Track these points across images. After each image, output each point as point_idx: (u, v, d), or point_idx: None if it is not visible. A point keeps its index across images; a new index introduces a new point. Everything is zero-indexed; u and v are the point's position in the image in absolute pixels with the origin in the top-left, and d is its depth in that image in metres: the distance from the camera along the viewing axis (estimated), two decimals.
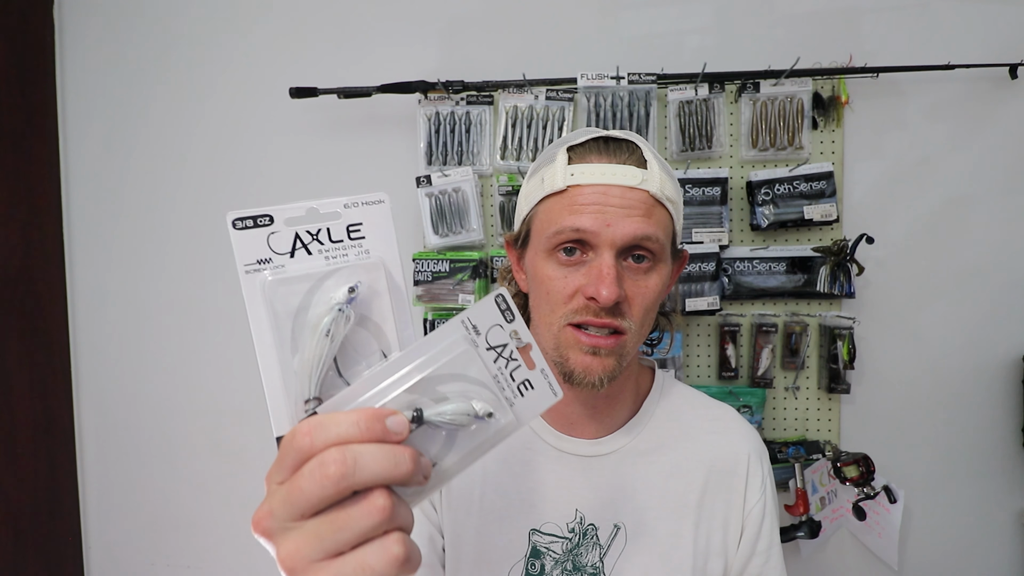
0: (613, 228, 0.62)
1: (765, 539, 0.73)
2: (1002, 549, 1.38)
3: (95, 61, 1.55)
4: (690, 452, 0.73)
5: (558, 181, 0.65)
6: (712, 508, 0.72)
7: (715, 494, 0.72)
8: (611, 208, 0.63)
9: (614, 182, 0.63)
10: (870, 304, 1.37)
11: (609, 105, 1.35)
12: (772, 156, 1.35)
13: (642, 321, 0.66)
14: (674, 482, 0.71)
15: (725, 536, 0.72)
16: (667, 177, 0.67)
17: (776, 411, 1.39)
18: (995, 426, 1.37)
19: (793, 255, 1.34)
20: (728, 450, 0.74)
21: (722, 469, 0.73)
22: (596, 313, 0.63)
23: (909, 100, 1.35)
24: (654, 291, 0.66)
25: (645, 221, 0.63)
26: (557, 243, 0.65)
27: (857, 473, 1.29)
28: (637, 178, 0.64)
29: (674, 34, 1.40)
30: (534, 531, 0.69)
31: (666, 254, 0.67)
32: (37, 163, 1.54)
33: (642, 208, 0.64)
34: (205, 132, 1.53)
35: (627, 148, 0.67)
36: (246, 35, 1.51)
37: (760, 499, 0.73)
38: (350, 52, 1.47)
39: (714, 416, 0.77)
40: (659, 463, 0.72)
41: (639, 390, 0.77)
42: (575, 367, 0.64)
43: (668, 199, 0.66)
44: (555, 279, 0.65)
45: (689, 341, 1.40)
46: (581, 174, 0.64)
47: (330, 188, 1.49)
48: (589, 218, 0.63)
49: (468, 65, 1.42)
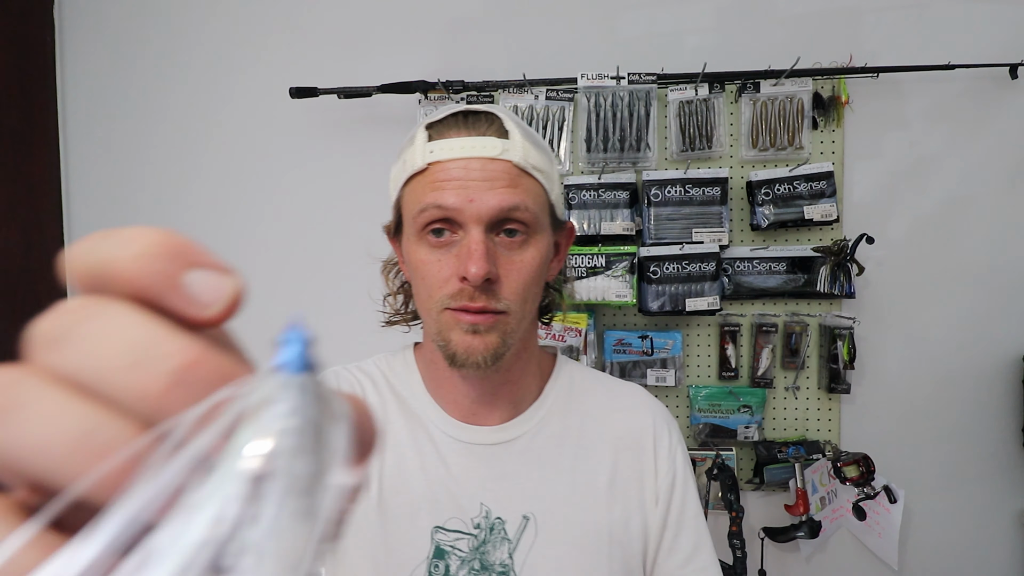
0: (477, 203, 0.60)
1: (676, 510, 0.69)
2: (1002, 549, 1.38)
3: (95, 61, 1.55)
4: (595, 433, 0.70)
5: (418, 160, 0.63)
6: (625, 489, 0.68)
7: (626, 474, 0.69)
8: (473, 182, 0.60)
9: (473, 154, 0.61)
10: (870, 304, 1.37)
11: (609, 105, 1.34)
12: (772, 156, 1.35)
13: (523, 297, 0.63)
14: (582, 464, 0.68)
15: (644, 515, 0.68)
16: (532, 146, 0.64)
17: (776, 411, 1.39)
18: (995, 426, 1.37)
19: (793, 255, 1.34)
20: (633, 425, 0.71)
21: (629, 446, 0.70)
22: (471, 296, 0.60)
23: (909, 100, 1.35)
24: (531, 265, 0.63)
25: (511, 192, 0.61)
26: (423, 223, 0.62)
27: (857, 473, 1.29)
28: (497, 148, 0.61)
29: (674, 34, 1.39)
30: (438, 529, 0.65)
31: (541, 225, 0.64)
32: (38, 163, 1.55)
33: (506, 179, 0.61)
34: (205, 132, 1.53)
35: (486, 119, 0.64)
36: (246, 35, 1.51)
37: (669, 471, 0.70)
38: (350, 52, 1.47)
39: (617, 394, 0.75)
40: (565, 446, 0.69)
41: (542, 374, 0.73)
42: (457, 348, 0.62)
43: (535, 168, 0.63)
44: (428, 263, 0.62)
45: (689, 341, 1.40)
46: (440, 150, 0.62)
47: (330, 188, 1.49)
48: (451, 194, 0.60)
49: (468, 65, 1.42)
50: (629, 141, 1.34)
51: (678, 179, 1.33)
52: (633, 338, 1.36)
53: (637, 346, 1.36)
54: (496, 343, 0.62)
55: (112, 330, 0.16)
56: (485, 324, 0.61)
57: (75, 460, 0.15)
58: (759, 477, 1.36)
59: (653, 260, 1.33)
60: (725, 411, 1.36)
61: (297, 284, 1.49)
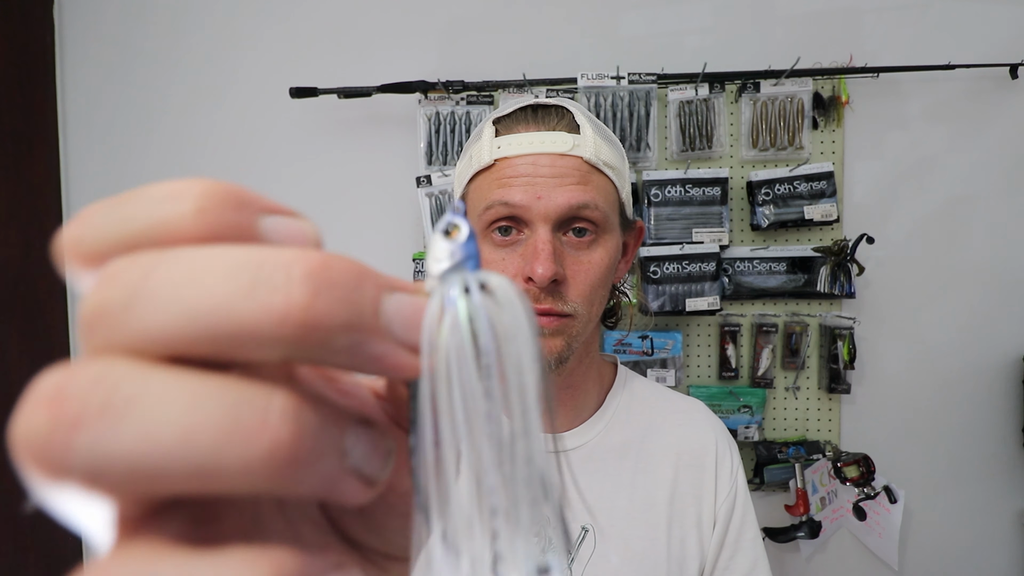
0: (545, 200, 0.57)
1: (734, 531, 0.68)
2: (1002, 549, 1.38)
3: (95, 60, 1.55)
4: (657, 447, 0.69)
5: (484, 156, 0.61)
6: (683, 506, 0.67)
7: (685, 490, 0.68)
8: (541, 179, 0.58)
9: (543, 150, 0.58)
10: (870, 304, 1.37)
11: (609, 105, 1.34)
12: (772, 156, 1.35)
13: (590, 300, 0.60)
14: (642, 479, 0.66)
15: (700, 535, 0.67)
16: (604, 141, 0.61)
17: (776, 411, 1.39)
18: (995, 426, 1.37)
19: (793, 255, 1.34)
20: (695, 443, 0.70)
21: (690, 463, 0.68)
22: (536, 297, 0.58)
23: (909, 100, 1.35)
24: (599, 266, 0.60)
25: (581, 189, 0.58)
26: (489, 221, 0.60)
27: (857, 473, 1.29)
28: (568, 144, 0.58)
29: (674, 34, 1.39)
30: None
31: (611, 224, 0.62)
32: (37, 163, 1.54)
33: (576, 176, 0.58)
34: (205, 132, 1.53)
35: (556, 113, 0.61)
36: (246, 35, 1.51)
37: (730, 493, 0.69)
38: (350, 52, 1.47)
39: (680, 409, 0.73)
40: (626, 459, 0.67)
41: (603, 383, 0.72)
42: None
43: (607, 164, 0.60)
44: (493, 263, 0.60)
45: (689, 341, 1.40)
46: (508, 145, 0.60)
47: (330, 188, 1.49)
48: (519, 191, 0.58)
49: (468, 65, 1.42)
50: (629, 141, 1.34)
51: (678, 179, 1.33)
52: (633, 338, 1.36)
53: (637, 346, 1.36)
54: (561, 347, 0.60)
55: (197, 264, 0.12)
56: (550, 327, 0.59)
57: (232, 446, 0.11)
58: (759, 477, 1.36)
59: (653, 260, 1.33)
60: (725, 411, 1.36)
61: None
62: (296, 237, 0.14)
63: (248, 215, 0.13)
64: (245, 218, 0.13)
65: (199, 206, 0.13)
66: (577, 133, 0.60)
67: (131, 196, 0.13)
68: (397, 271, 1.42)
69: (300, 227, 0.14)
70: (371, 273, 0.13)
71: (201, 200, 0.13)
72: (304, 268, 0.12)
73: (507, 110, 0.64)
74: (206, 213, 0.13)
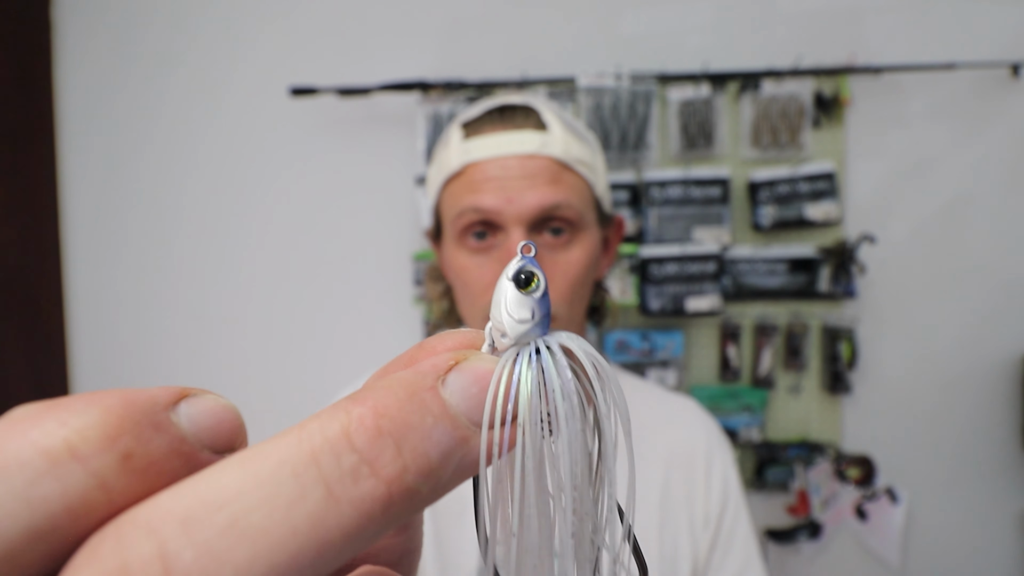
0: (516, 203, 0.57)
1: (726, 530, 0.67)
2: (1002, 549, 1.37)
3: (93, 59, 1.55)
4: (647, 448, 0.67)
5: (453, 161, 0.60)
6: (675, 506, 0.66)
7: (676, 491, 0.66)
8: (511, 181, 0.57)
9: (511, 152, 0.58)
10: (872, 304, 1.36)
11: (609, 105, 1.34)
12: (773, 156, 1.35)
13: (570, 300, 0.60)
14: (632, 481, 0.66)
15: (692, 535, 0.66)
16: (574, 138, 0.60)
17: (777, 412, 1.38)
18: (996, 426, 1.36)
19: (795, 255, 1.33)
20: (686, 443, 0.68)
21: (680, 464, 0.67)
22: None
23: (911, 99, 1.35)
24: (578, 265, 0.60)
25: (552, 189, 0.57)
26: (462, 227, 0.60)
27: (859, 474, 1.29)
28: (536, 143, 0.58)
29: (675, 33, 1.39)
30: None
31: (587, 222, 0.61)
32: (35, 162, 1.54)
33: (546, 175, 0.58)
34: (204, 130, 1.53)
35: (523, 113, 0.61)
36: (244, 34, 1.50)
37: (721, 493, 0.68)
38: (349, 51, 1.47)
39: (670, 409, 0.72)
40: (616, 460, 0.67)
41: None
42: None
43: (578, 161, 0.60)
44: (469, 269, 0.60)
45: (690, 342, 1.39)
46: (476, 149, 0.59)
47: (329, 188, 1.48)
48: (489, 196, 0.57)
49: (468, 64, 1.41)
50: (630, 141, 1.34)
51: (679, 179, 1.33)
52: (634, 338, 1.35)
53: (638, 347, 1.35)
54: None
55: (242, 505, 0.10)
56: None
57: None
58: (760, 478, 1.35)
59: (654, 260, 1.32)
60: (726, 412, 1.35)
61: (296, 284, 1.49)
62: (222, 422, 0.11)
63: (154, 427, 0.11)
64: (159, 437, 0.11)
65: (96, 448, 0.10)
66: (545, 132, 0.59)
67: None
68: (397, 271, 1.42)
69: (215, 410, 0.12)
70: (414, 379, 0.12)
71: (93, 441, 0.10)
72: (363, 439, 0.10)
73: (474, 112, 0.63)
74: (118, 456, 0.10)
